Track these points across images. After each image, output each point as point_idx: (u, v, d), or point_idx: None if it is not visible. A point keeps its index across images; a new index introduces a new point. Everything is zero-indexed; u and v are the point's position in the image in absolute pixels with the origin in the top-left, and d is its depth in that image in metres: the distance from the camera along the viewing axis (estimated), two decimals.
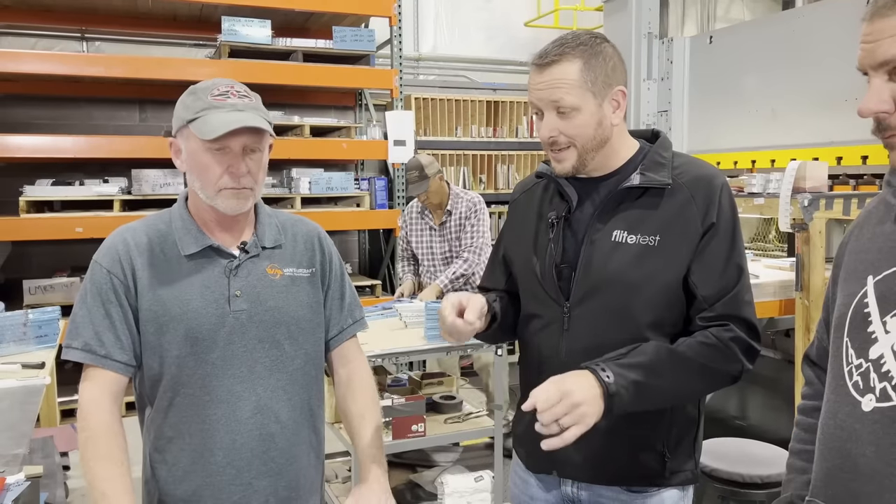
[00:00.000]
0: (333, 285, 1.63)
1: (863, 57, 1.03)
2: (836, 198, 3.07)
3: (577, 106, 1.40)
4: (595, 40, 1.43)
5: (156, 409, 1.49)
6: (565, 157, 1.45)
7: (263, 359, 1.49)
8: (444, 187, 4.02)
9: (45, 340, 2.79)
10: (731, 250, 1.43)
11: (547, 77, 1.42)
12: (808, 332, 3.13)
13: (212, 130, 1.39)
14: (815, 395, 1.26)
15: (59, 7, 5.06)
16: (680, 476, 1.50)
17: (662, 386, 1.36)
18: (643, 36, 5.04)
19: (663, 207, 1.43)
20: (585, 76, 1.40)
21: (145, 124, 5.51)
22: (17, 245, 5.00)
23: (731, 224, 1.44)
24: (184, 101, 1.47)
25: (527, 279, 1.57)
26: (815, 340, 1.29)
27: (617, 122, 1.45)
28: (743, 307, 1.43)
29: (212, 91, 1.44)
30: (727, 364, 1.41)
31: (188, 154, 1.46)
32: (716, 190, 1.43)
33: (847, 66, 4.13)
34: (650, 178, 1.44)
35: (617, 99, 1.44)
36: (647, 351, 1.37)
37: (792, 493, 1.23)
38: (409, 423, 2.87)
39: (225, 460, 1.47)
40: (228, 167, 1.43)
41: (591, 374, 1.31)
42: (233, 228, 1.52)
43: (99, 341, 1.43)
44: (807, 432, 1.25)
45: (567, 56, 1.41)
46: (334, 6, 5.18)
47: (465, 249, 3.95)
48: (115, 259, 1.46)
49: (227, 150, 1.43)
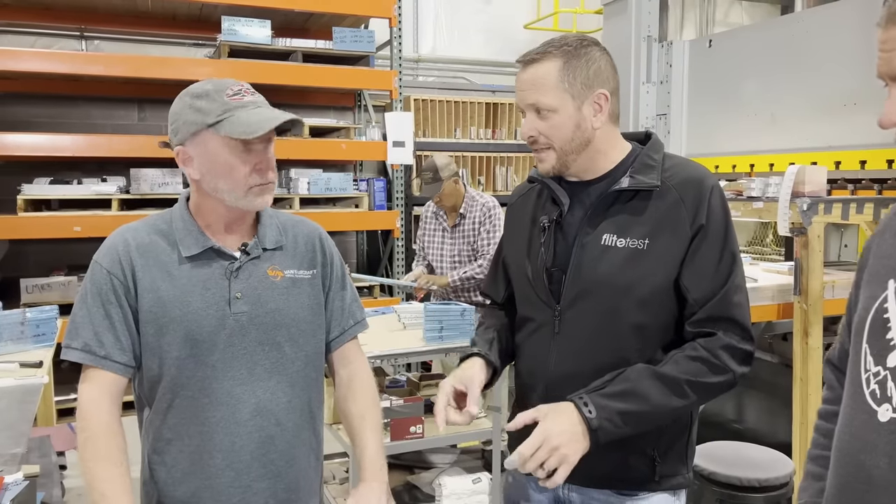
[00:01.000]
0: (334, 286, 1.63)
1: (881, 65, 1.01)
2: (834, 202, 3.08)
3: (554, 107, 1.41)
4: (582, 43, 1.44)
5: (154, 410, 1.48)
6: (545, 158, 1.46)
7: (263, 361, 1.49)
8: (460, 190, 3.93)
9: (43, 339, 2.78)
10: (721, 252, 1.42)
11: (528, 76, 1.44)
12: (807, 336, 3.14)
13: (249, 129, 1.38)
14: (835, 400, 1.24)
15: (59, 5, 5.05)
16: (671, 481, 1.50)
17: (649, 410, 1.37)
18: (643, 39, 5.05)
19: (652, 210, 1.43)
20: (563, 77, 1.40)
21: (144, 123, 5.51)
22: (13, 243, 4.98)
23: (721, 225, 1.43)
24: (193, 105, 1.43)
25: (520, 283, 1.58)
26: (838, 343, 1.27)
27: (599, 125, 1.44)
28: (732, 309, 1.41)
29: (225, 92, 1.42)
30: (716, 375, 1.40)
31: (207, 158, 1.43)
32: (705, 191, 1.42)
33: (846, 71, 4.13)
34: (639, 180, 1.44)
35: (599, 102, 1.43)
36: (631, 377, 1.38)
37: (806, 501, 1.22)
38: (407, 424, 2.87)
39: (224, 462, 1.46)
40: (255, 165, 1.43)
41: (573, 410, 1.34)
42: (235, 230, 1.51)
43: (98, 342, 1.42)
44: (825, 437, 1.23)
45: (548, 56, 1.42)
46: (334, 7, 5.18)
47: (481, 255, 3.88)
48: (115, 259, 1.45)
49: (251, 148, 1.43)
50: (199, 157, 1.44)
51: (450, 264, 4.02)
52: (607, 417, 1.33)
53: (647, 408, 1.37)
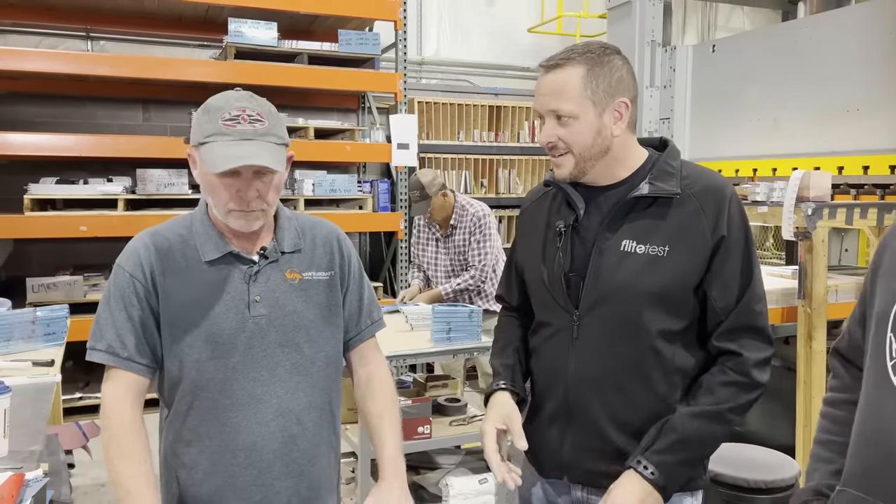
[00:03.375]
0: (352, 287, 1.64)
1: None
2: (839, 207, 3.11)
3: (576, 114, 1.42)
4: (605, 50, 1.45)
5: (174, 412, 1.50)
6: (563, 163, 1.47)
7: (284, 362, 1.51)
8: (450, 201, 3.90)
9: (53, 338, 2.80)
10: (743, 261, 1.45)
11: (550, 81, 1.44)
12: (810, 339, 3.16)
13: (213, 164, 1.38)
14: (843, 388, 1.29)
15: (64, 6, 5.07)
16: (690, 483, 1.52)
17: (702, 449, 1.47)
18: (646, 44, 5.07)
19: (672, 218, 1.45)
20: (587, 84, 1.41)
21: (149, 124, 5.52)
22: (19, 243, 4.99)
23: (741, 234, 1.45)
24: (199, 117, 1.45)
25: (536, 287, 1.59)
26: (846, 335, 1.31)
27: (618, 133, 1.46)
28: (757, 317, 1.46)
29: (223, 115, 1.42)
30: (750, 393, 1.45)
31: (200, 172, 1.47)
32: (725, 201, 1.45)
33: (849, 76, 4.15)
34: (659, 187, 1.45)
35: (619, 110, 1.44)
36: (677, 426, 1.42)
37: (818, 482, 1.25)
38: (415, 424, 2.89)
39: (247, 461, 1.48)
40: (237, 191, 1.43)
41: (636, 476, 1.39)
42: (252, 235, 1.53)
43: (121, 344, 1.45)
44: (834, 424, 1.29)
45: (572, 62, 1.42)
46: (340, 9, 5.20)
47: (471, 266, 3.88)
48: (137, 263, 1.47)
49: (235, 175, 1.42)
50: (197, 166, 1.48)
51: (444, 274, 4.02)
52: (668, 473, 1.40)
53: (700, 449, 1.46)
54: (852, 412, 1.16)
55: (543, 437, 1.58)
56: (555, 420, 1.54)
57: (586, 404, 1.48)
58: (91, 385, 4.70)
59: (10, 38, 5.17)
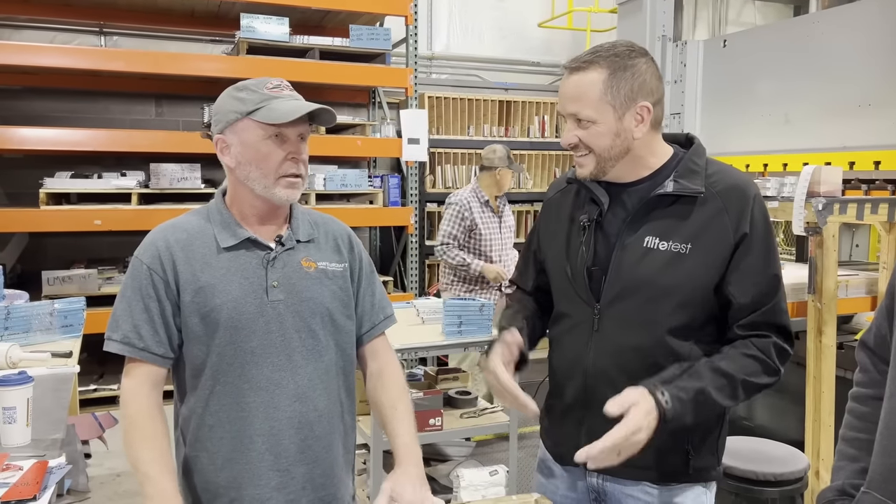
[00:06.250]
0: (364, 283, 1.68)
1: None
2: (849, 202, 3.11)
3: (594, 119, 1.44)
4: (631, 53, 1.45)
5: (197, 398, 1.53)
6: (584, 163, 1.50)
7: (300, 348, 1.54)
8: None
9: (71, 330, 2.83)
10: (766, 260, 1.46)
11: (572, 85, 1.46)
12: (821, 334, 3.17)
13: (283, 115, 1.47)
14: (870, 383, 1.26)
15: (79, 2, 5.11)
16: (703, 473, 1.55)
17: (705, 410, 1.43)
18: (657, 38, 5.07)
19: (695, 216, 1.46)
20: (607, 89, 1.42)
21: (162, 119, 5.57)
22: (35, 236, 5.05)
23: (764, 233, 1.47)
24: (234, 96, 1.52)
25: (559, 279, 1.62)
26: (874, 327, 1.28)
27: (639, 135, 1.47)
28: (780, 315, 1.48)
29: (266, 84, 1.52)
30: (768, 376, 1.46)
31: (244, 146, 1.50)
32: (748, 200, 1.46)
33: (860, 71, 4.14)
34: (683, 185, 1.47)
35: (640, 114, 1.45)
36: (703, 374, 1.41)
37: (844, 482, 1.23)
38: (427, 416, 2.92)
39: (264, 446, 1.51)
40: (289, 153, 1.51)
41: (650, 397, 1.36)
42: (270, 222, 1.57)
43: (137, 335, 1.48)
44: (860, 420, 1.26)
45: (594, 65, 1.43)
46: (351, 4, 5.22)
47: None
48: (155, 256, 1.51)
49: (286, 137, 1.50)
50: (236, 144, 1.51)
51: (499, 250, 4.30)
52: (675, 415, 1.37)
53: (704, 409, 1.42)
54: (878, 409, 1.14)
55: (561, 424, 1.61)
56: (573, 409, 1.57)
57: (604, 395, 1.50)
58: (105, 377, 4.75)
59: (25, 34, 5.22)
